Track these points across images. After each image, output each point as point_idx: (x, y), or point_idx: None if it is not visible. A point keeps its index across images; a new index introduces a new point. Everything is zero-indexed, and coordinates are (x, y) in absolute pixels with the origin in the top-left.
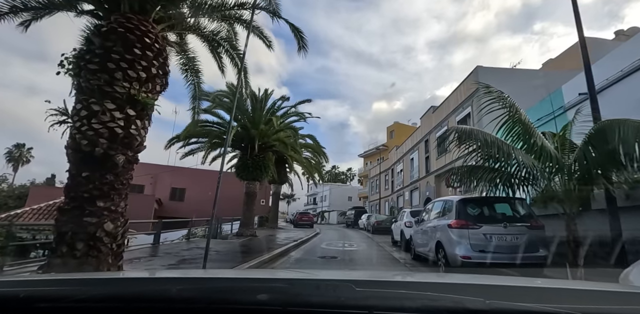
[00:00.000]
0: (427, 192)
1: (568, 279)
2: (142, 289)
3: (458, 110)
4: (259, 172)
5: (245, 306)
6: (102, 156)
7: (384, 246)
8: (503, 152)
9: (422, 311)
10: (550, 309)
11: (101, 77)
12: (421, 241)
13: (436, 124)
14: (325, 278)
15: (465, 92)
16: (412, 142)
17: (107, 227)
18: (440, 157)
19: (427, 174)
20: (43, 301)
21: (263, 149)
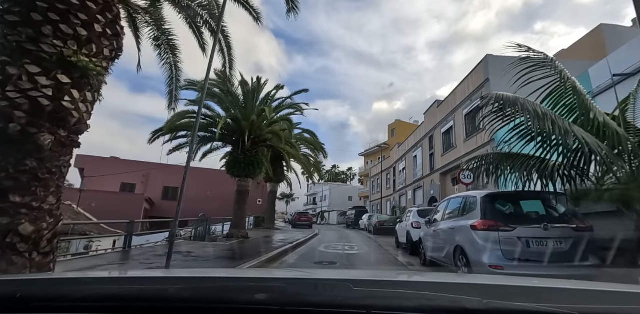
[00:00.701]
0: (432, 191)
1: (565, 279)
2: (139, 288)
3: (466, 102)
4: (252, 168)
5: (243, 305)
6: (20, 135)
7: (388, 249)
8: (559, 128)
9: (419, 310)
10: (548, 309)
11: (23, 32)
12: (434, 244)
13: (441, 119)
14: (323, 278)
15: (473, 84)
16: (415, 139)
17: (24, 231)
18: (446, 154)
19: (432, 172)
20: (39, 300)
21: (256, 143)
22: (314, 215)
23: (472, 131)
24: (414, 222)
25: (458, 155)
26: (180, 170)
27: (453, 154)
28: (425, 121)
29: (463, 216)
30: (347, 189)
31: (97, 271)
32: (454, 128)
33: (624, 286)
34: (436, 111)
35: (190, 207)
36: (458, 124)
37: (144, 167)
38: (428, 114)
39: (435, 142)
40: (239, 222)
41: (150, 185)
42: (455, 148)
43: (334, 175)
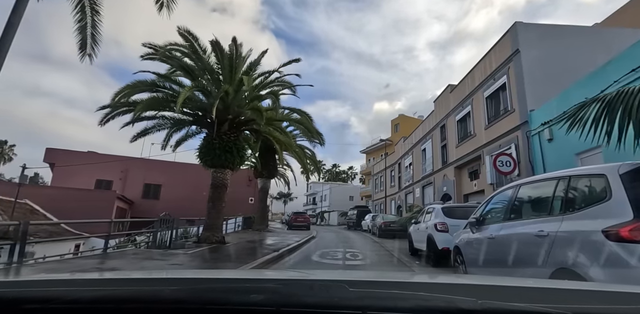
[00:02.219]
0: (445, 187)
1: (560, 279)
2: (134, 289)
3: (487, 83)
4: (229, 156)
5: (239, 306)
6: None
7: (401, 257)
8: None
9: (415, 311)
10: (543, 309)
11: None
12: (495, 258)
13: (456, 105)
14: (319, 278)
15: (497, 59)
16: (424, 131)
17: None
18: (462, 144)
19: (444, 166)
20: (32, 302)
21: (236, 126)
22: (313, 215)
23: (495, 116)
24: (438, 224)
25: (477, 145)
26: (163, 166)
27: (471, 144)
28: (436, 110)
29: (568, 213)
30: (348, 189)
31: (91, 272)
32: (472, 114)
33: (618, 286)
34: (449, 96)
35: (179, 207)
36: (477, 109)
37: (124, 162)
38: (439, 101)
39: (448, 132)
40: (214, 224)
41: (130, 182)
42: (473, 137)
43: (335, 174)
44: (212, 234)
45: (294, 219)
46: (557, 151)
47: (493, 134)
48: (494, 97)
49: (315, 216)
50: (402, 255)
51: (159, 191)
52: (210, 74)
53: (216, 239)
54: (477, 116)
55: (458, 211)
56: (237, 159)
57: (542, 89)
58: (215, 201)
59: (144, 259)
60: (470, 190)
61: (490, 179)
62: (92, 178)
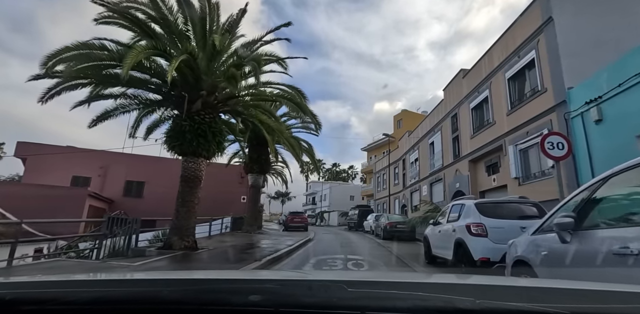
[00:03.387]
0: (457, 183)
1: (558, 279)
2: (131, 290)
3: (510, 62)
4: (202, 141)
5: (238, 307)
6: None
7: (415, 267)
8: None
9: (413, 311)
10: (541, 309)
11: None
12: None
13: (470, 92)
14: (317, 279)
15: (522, 33)
16: (432, 123)
17: None
18: (478, 135)
19: (456, 160)
20: (29, 303)
21: (212, 104)
22: (312, 216)
23: (519, 99)
24: (472, 226)
25: (497, 134)
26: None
27: (489, 133)
28: (446, 98)
29: None
30: (349, 188)
31: (89, 273)
32: (491, 99)
33: (615, 285)
34: (461, 82)
35: (165, 206)
36: (497, 93)
37: (102, 157)
38: (450, 89)
39: (460, 122)
40: (183, 226)
41: (110, 179)
42: (492, 125)
43: (335, 174)
44: (181, 239)
45: (291, 219)
46: (608, 133)
47: (518, 120)
48: (518, 78)
49: (315, 217)
50: (416, 264)
51: (142, 189)
52: (178, 37)
53: (185, 244)
54: (496, 101)
55: (499, 208)
56: (212, 146)
57: (581, 63)
58: (186, 197)
59: (93, 271)
60: (488, 186)
61: (515, 173)
62: (68, 175)
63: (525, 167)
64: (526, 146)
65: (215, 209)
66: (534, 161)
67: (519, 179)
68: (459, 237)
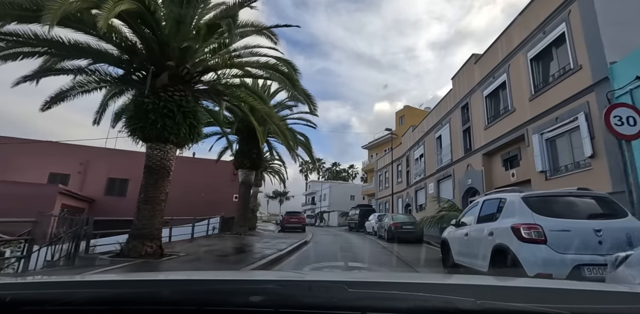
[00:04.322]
0: (469, 180)
1: (559, 280)
2: (132, 291)
3: (532, 40)
4: (170, 122)
5: (238, 308)
6: None
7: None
8: None
9: (414, 311)
10: (542, 309)
11: None
12: None
13: (484, 77)
14: (318, 279)
15: (548, 6)
16: (439, 116)
17: None
18: (493, 125)
19: (468, 154)
20: (30, 304)
21: (183, 79)
22: (312, 216)
23: (544, 81)
24: (523, 228)
25: (518, 122)
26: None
27: (507, 122)
28: (455, 88)
29: None
30: (349, 188)
31: (88, 274)
32: (509, 84)
33: (617, 286)
34: (473, 69)
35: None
36: (517, 77)
37: (82, 152)
38: (459, 77)
39: (473, 112)
40: (145, 227)
41: (91, 176)
42: (511, 113)
43: (335, 173)
44: (142, 244)
45: (287, 219)
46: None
47: (543, 105)
48: (544, 57)
49: (314, 217)
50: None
51: (126, 187)
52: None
53: (148, 250)
54: (516, 85)
55: (558, 203)
56: (183, 129)
57: (625, 33)
58: (150, 192)
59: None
60: (505, 182)
61: (541, 165)
62: (45, 171)
63: (553, 159)
64: (555, 134)
65: (205, 209)
66: (564, 151)
67: (545, 172)
68: (499, 243)
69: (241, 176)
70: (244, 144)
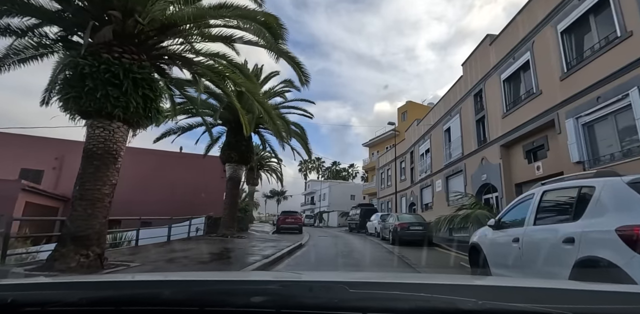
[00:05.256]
0: (484, 175)
1: (560, 280)
2: (134, 292)
3: (562, 9)
4: (115, 92)
5: (239, 308)
6: None
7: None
8: None
9: (415, 311)
10: (542, 309)
11: None
12: None
13: (502, 58)
14: (319, 280)
15: None
16: (447, 106)
17: None
18: (513, 112)
19: (482, 147)
20: (32, 305)
21: (134, 39)
22: (311, 216)
23: (579, 57)
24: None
25: (546, 106)
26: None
27: (531, 107)
28: (466, 74)
29: None
30: (349, 187)
31: (89, 275)
32: (533, 64)
33: (618, 286)
34: (488, 51)
35: (133, 204)
36: (543, 55)
37: (58, 146)
38: (471, 62)
39: (488, 100)
40: (81, 229)
41: (67, 172)
42: (537, 96)
43: (335, 172)
44: (75, 252)
45: (283, 220)
46: None
47: (580, 83)
48: (578, 29)
49: (313, 217)
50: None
51: None
52: None
53: (82, 260)
54: (543, 64)
55: None
56: (133, 101)
57: None
58: (88, 183)
59: None
60: (528, 176)
61: (577, 155)
62: (17, 167)
63: (592, 147)
64: (595, 117)
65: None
66: (608, 136)
67: (583, 163)
68: (590, 255)
69: (228, 171)
70: (232, 135)
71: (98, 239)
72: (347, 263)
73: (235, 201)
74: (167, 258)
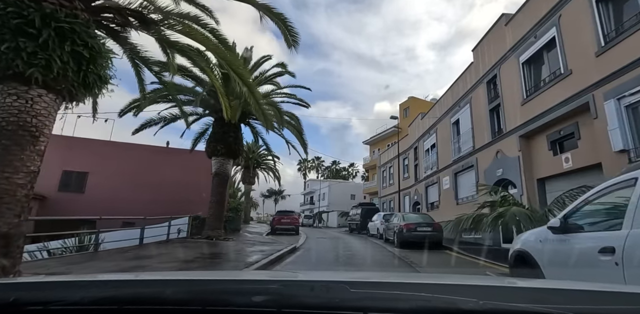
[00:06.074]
0: (499, 169)
1: (562, 280)
2: (135, 291)
3: None
4: (28, 44)
5: (240, 308)
6: None
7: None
8: None
9: (416, 311)
10: (544, 310)
11: None
12: None
13: (521, 38)
14: (320, 279)
15: None
16: (455, 97)
17: None
18: (534, 98)
19: (497, 138)
20: (34, 304)
21: None
22: (310, 216)
23: (620, 28)
24: None
25: (578, 87)
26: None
27: (559, 90)
28: (477, 60)
29: None
30: (349, 187)
31: (92, 274)
32: (561, 41)
33: (618, 286)
34: (503, 32)
35: (116, 203)
36: (573, 29)
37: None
38: (483, 46)
39: (503, 86)
40: None
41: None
42: (566, 77)
43: (335, 172)
44: None
45: (278, 220)
46: None
47: (622, 58)
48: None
49: (312, 217)
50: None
51: (85, 181)
52: None
53: None
54: (572, 40)
55: None
56: (57, 58)
57: None
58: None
59: None
60: (555, 170)
61: (621, 142)
62: None
63: (639, 133)
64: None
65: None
66: None
67: (628, 152)
68: None
69: (215, 166)
70: (219, 126)
71: (6, 246)
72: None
73: (222, 199)
74: (120, 267)
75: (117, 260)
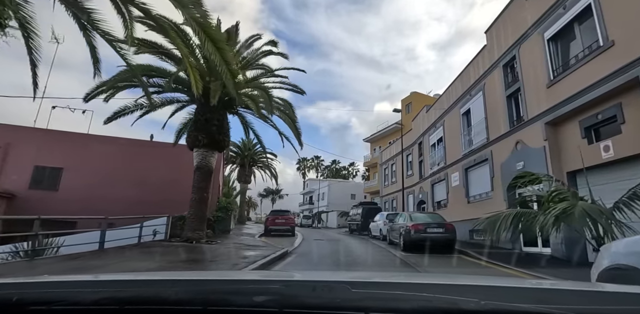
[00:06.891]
0: (520, 162)
1: (563, 280)
2: (137, 291)
3: None
4: None
5: (242, 307)
6: None
7: None
8: None
9: (417, 311)
10: (545, 310)
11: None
12: None
13: (547, 10)
14: (321, 279)
15: None
16: (465, 85)
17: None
18: (563, 79)
19: (516, 128)
20: (36, 304)
21: None
22: (309, 216)
23: None
24: None
25: (623, 61)
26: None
27: (596, 67)
28: (491, 43)
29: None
30: (349, 186)
31: (94, 273)
32: (599, 8)
33: (619, 286)
34: (523, 6)
35: (92, 201)
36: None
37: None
38: (499, 25)
39: (524, 68)
40: None
41: (12, 164)
42: (607, 50)
43: (334, 171)
44: None
45: (272, 221)
46: None
47: None
48: None
49: (311, 217)
50: None
51: (59, 178)
52: None
53: None
54: (613, 5)
55: None
56: None
57: None
58: None
59: None
60: (591, 161)
61: None
62: None
63: None
64: None
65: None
66: None
67: None
68: None
69: (196, 159)
70: (201, 114)
71: None
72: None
73: (204, 196)
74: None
75: (54, 272)
